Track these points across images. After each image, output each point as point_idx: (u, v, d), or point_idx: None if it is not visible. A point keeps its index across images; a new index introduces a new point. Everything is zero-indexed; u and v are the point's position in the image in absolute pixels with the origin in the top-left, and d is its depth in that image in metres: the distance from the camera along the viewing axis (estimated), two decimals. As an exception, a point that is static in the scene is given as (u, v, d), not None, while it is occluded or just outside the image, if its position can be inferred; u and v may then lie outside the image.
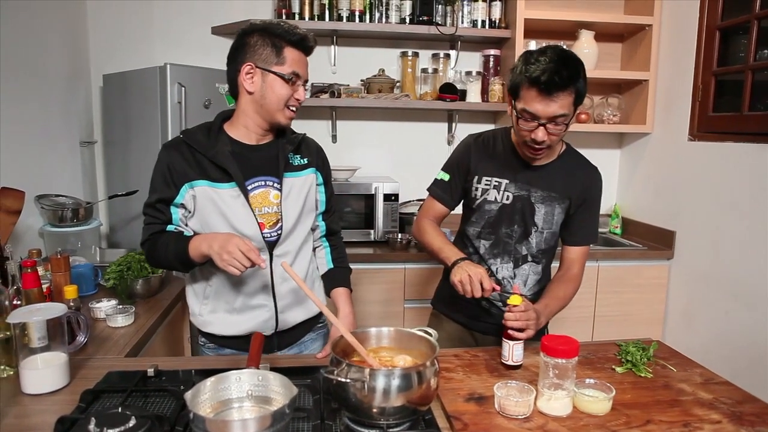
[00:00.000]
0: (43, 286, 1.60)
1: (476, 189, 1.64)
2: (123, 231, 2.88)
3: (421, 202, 3.12)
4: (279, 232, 1.46)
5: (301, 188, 1.51)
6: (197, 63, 2.68)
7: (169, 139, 2.46)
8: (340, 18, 2.93)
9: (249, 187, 1.43)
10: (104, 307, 1.76)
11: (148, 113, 2.58)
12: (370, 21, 2.98)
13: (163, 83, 2.49)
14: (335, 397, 1.11)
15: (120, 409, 1.06)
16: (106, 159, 3.03)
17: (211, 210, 1.41)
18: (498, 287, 1.42)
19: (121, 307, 1.77)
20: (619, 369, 1.41)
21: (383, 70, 3.09)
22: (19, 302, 1.51)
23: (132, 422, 1.02)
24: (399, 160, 3.25)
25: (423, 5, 2.97)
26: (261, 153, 1.47)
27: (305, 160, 1.54)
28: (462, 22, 3.06)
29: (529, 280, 1.66)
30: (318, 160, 1.58)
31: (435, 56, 3.17)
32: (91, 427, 0.99)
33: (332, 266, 1.64)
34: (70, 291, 1.61)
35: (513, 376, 1.36)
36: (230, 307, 1.48)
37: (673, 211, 2.91)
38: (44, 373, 1.24)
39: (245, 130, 1.46)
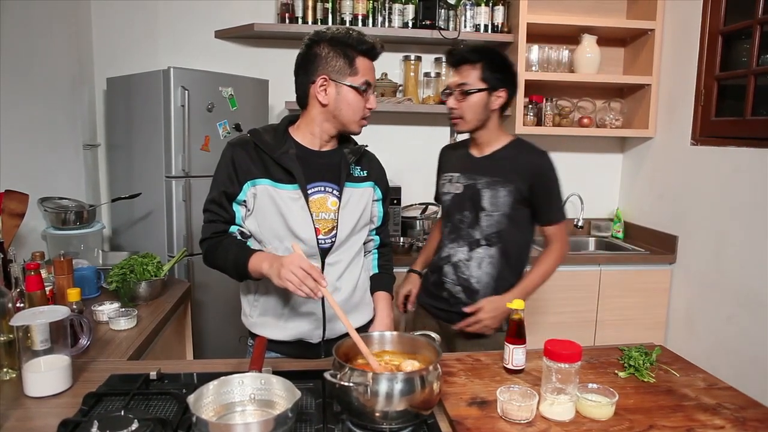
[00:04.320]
0: (46, 288, 1.60)
1: (441, 185, 1.92)
2: (126, 234, 2.89)
3: (423, 206, 3.16)
4: (333, 239, 1.46)
5: (360, 200, 1.52)
6: (201, 66, 2.69)
7: (173, 142, 2.52)
8: (343, 22, 2.94)
9: (309, 191, 1.44)
10: (107, 309, 1.77)
11: (151, 116, 2.59)
12: (373, 25, 2.99)
13: (166, 86, 2.50)
14: (338, 401, 1.11)
15: (122, 413, 1.06)
16: (109, 162, 3.04)
17: (270, 209, 1.42)
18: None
19: (123, 309, 1.78)
20: (621, 374, 1.41)
21: (386, 74, 3.09)
22: (22, 305, 1.51)
23: (134, 425, 1.02)
24: (401, 164, 3.24)
25: (426, 10, 2.98)
26: (323, 159, 1.49)
27: (365, 172, 1.55)
28: (465, 27, 3.06)
29: (483, 263, 1.79)
30: (378, 175, 1.59)
31: (438, 60, 3.18)
32: (94, 430, 1.00)
33: (377, 271, 1.66)
34: (73, 294, 1.61)
35: (516, 380, 1.36)
36: (279, 313, 1.48)
37: (676, 216, 2.90)
38: (47, 375, 1.24)
39: (311, 136, 1.48)
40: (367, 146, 1.60)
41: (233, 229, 1.46)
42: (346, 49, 1.37)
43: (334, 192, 1.47)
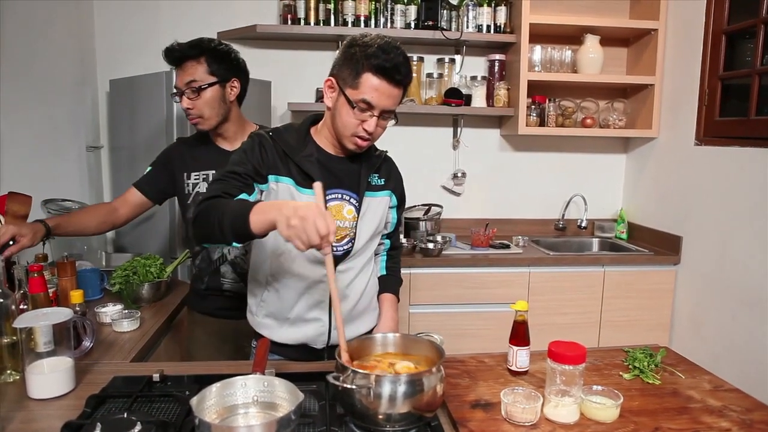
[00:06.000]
0: (49, 290, 1.60)
1: (193, 185, 1.87)
2: (129, 235, 2.89)
3: (426, 207, 3.15)
4: (345, 247, 1.44)
5: (377, 209, 1.49)
6: (203, 68, 2.69)
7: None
8: (345, 23, 2.94)
9: (326, 198, 1.39)
10: (110, 311, 1.76)
11: (154, 118, 2.59)
12: (375, 26, 2.99)
13: (169, 88, 2.50)
14: (341, 403, 1.11)
15: (125, 415, 1.06)
16: (112, 164, 3.04)
17: None
18: None
19: (126, 311, 1.77)
20: (626, 375, 1.40)
21: (388, 75, 3.09)
22: (25, 307, 1.51)
23: (138, 428, 1.01)
24: (404, 165, 3.19)
25: (428, 10, 2.97)
26: (343, 166, 1.45)
27: (383, 180, 1.51)
28: (467, 27, 3.06)
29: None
30: (395, 183, 1.56)
31: (440, 61, 3.18)
32: (97, 432, 0.99)
33: (384, 273, 1.64)
34: (76, 296, 1.61)
35: (520, 382, 1.35)
36: (285, 316, 1.46)
37: (680, 216, 2.89)
38: (50, 377, 1.24)
39: (326, 140, 1.44)
40: (387, 152, 1.56)
41: (243, 196, 1.32)
42: (360, 59, 1.29)
43: (352, 200, 1.44)
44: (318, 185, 1.13)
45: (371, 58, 1.27)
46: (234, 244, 1.23)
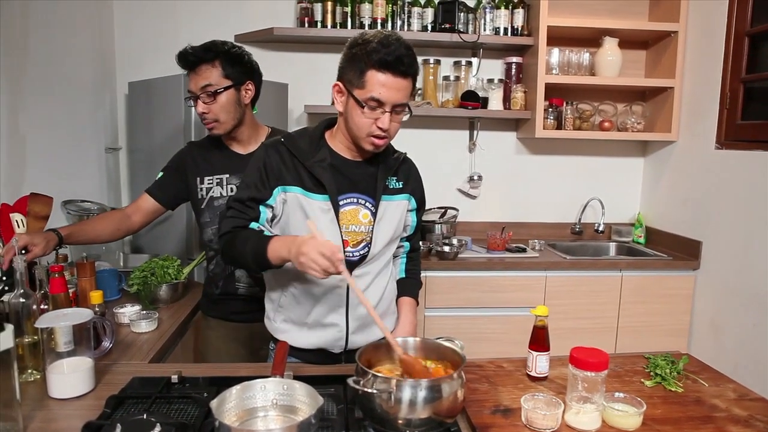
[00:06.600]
0: (69, 290, 1.61)
1: (207, 189, 1.86)
2: (146, 236, 2.91)
3: (443, 210, 3.14)
4: (362, 252, 1.43)
5: (394, 212, 1.47)
6: (221, 71, 2.70)
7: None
8: (362, 26, 2.94)
9: (340, 203, 1.39)
10: (128, 312, 1.78)
11: (171, 120, 2.61)
12: (392, 29, 2.98)
13: (186, 91, 2.51)
14: (360, 407, 1.10)
15: (145, 416, 1.06)
16: (130, 165, 3.07)
17: (299, 218, 1.38)
18: None
19: (144, 312, 1.78)
20: (648, 382, 1.38)
21: (404, 78, 3.08)
22: (46, 307, 1.52)
23: (157, 429, 1.02)
24: (420, 168, 3.21)
25: (445, 13, 2.97)
26: (359, 170, 1.43)
27: (401, 183, 1.49)
28: (484, 30, 3.05)
29: None
30: (414, 186, 1.54)
31: (457, 64, 3.16)
32: (118, 433, 1.00)
33: (404, 276, 1.63)
34: (96, 296, 1.63)
35: (539, 388, 1.33)
36: (302, 321, 1.45)
37: (700, 221, 2.85)
38: (70, 377, 1.25)
39: (341, 144, 1.43)
40: (406, 153, 1.55)
41: (254, 225, 1.39)
42: (361, 58, 1.28)
43: (368, 204, 1.43)
44: (311, 223, 1.24)
45: (372, 54, 1.26)
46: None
